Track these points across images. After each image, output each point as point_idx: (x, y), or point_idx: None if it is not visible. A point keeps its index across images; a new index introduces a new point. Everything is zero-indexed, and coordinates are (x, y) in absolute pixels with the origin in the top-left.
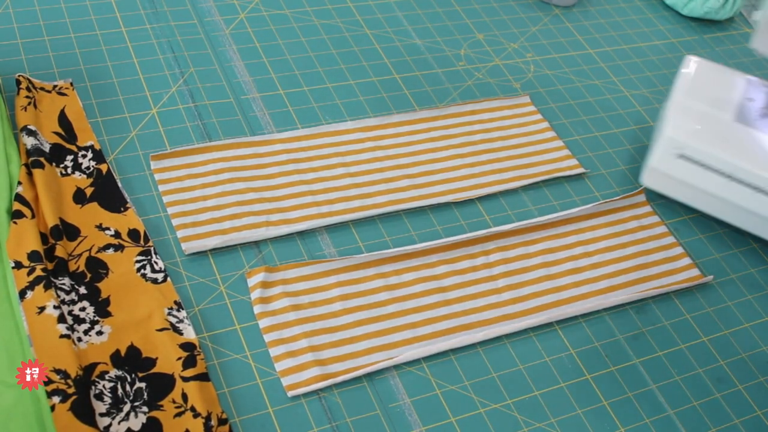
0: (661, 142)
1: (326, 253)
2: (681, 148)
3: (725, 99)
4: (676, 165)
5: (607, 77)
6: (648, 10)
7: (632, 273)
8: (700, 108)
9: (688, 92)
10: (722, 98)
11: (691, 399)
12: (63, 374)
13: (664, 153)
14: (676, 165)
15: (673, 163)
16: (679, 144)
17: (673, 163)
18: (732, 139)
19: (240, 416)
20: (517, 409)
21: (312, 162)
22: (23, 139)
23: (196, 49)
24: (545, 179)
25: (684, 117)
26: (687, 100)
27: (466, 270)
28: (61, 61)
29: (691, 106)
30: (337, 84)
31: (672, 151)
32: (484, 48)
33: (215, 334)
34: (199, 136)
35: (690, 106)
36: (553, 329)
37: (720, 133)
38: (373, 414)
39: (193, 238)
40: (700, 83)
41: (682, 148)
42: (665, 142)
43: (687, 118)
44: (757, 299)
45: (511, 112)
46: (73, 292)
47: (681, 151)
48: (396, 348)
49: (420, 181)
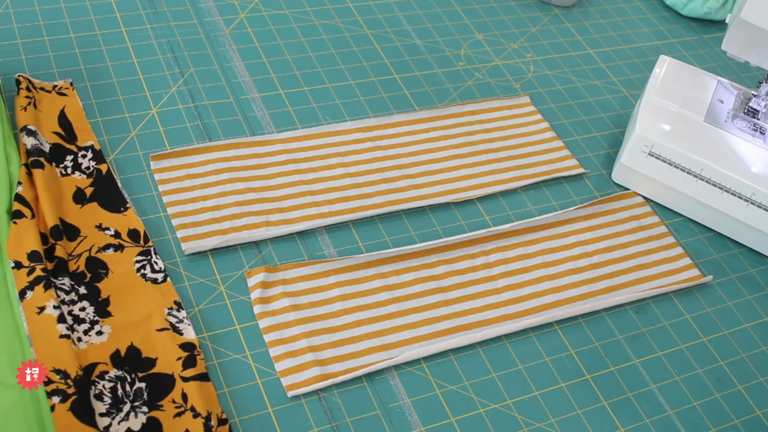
0: (632, 140)
1: (326, 253)
2: (650, 146)
3: (696, 99)
4: (646, 163)
5: (607, 77)
6: (648, 10)
7: (632, 273)
8: (671, 107)
9: (659, 91)
10: (693, 99)
11: (691, 399)
12: (63, 374)
13: (634, 150)
14: (645, 162)
15: (643, 161)
16: (649, 142)
17: (642, 161)
18: (701, 138)
19: (240, 416)
20: (517, 409)
21: (312, 162)
22: (23, 139)
23: (196, 49)
24: (545, 179)
25: (655, 116)
26: (658, 100)
27: (465, 270)
28: (61, 61)
29: (662, 106)
30: (337, 84)
31: (642, 149)
32: (484, 48)
33: (215, 334)
34: (199, 136)
35: (661, 105)
36: (553, 329)
37: (690, 132)
38: (373, 414)
39: (193, 238)
40: (672, 83)
41: (651, 146)
42: (635, 139)
43: (657, 117)
44: (757, 299)
45: (511, 112)
46: (73, 292)
47: (650, 150)
48: (396, 348)
49: (420, 181)
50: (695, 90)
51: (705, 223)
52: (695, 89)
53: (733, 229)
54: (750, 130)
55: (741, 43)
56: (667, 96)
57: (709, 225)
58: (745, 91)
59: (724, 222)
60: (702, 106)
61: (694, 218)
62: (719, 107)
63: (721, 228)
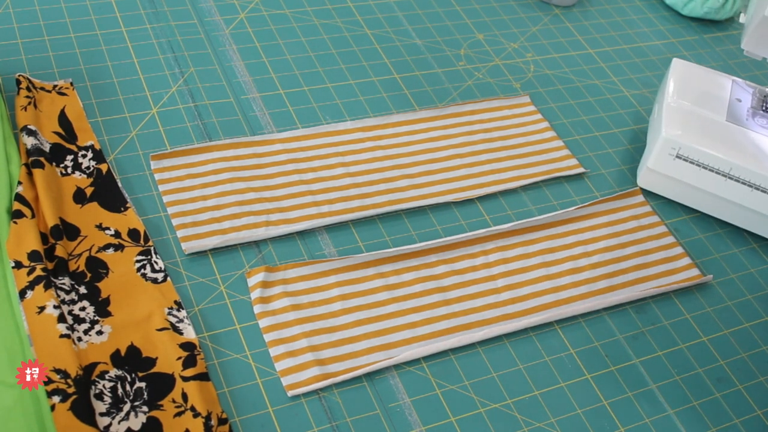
0: (658, 144)
1: (326, 253)
2: (678, 148)
3: (716, 99)
4: (674, 165)
5: (607, 77)
6: (648, 10)
7: (632, 273)
8: (693, 109)
9: (678, 94)
10: (712, 99)
11: (691, 399)
12: (63, 374)
13: (661, 154)
14: (673, 166)
15: (671, 164)
16: (676, 145)
17: (670, 164)
18: (726, 138)
19: (240, 416)
20: (517, 409)
21: (312, 162)
22: (23, 139)
23: (196, 49)
24: (545, 179)
25: (678, 118)
26: (679, 102)
27: (465, 270)
28: (61, 61)
29: (683, 108)
30: (337, 84)
31: (669, 152)
32: (484, 48)
33: (215, 333)
34: (199, 136)
35: (682, 107)
36: (553, 329)
37: (714, 132)
38: (373, 414)
39: (193, 238)
40: (689, 85)
41: (678, 149)
42: (662, 143)
43: (681, 120)
44: (757, 299)
45: (511, 112)
46: (73, 292)
47: (678, 152)
48: (396, 348)
49: (420, 181)
50: (713, 90)
51: (737, 223)
52: (713, 90)
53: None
54: None
55: (759, 41)
56: (687, 98)
57: (736, 224)
58: (760, 89)
59: (756, 220)
60: (722, 106)
61: (725, 219)
62: (738, 106)
63: (752, 227)
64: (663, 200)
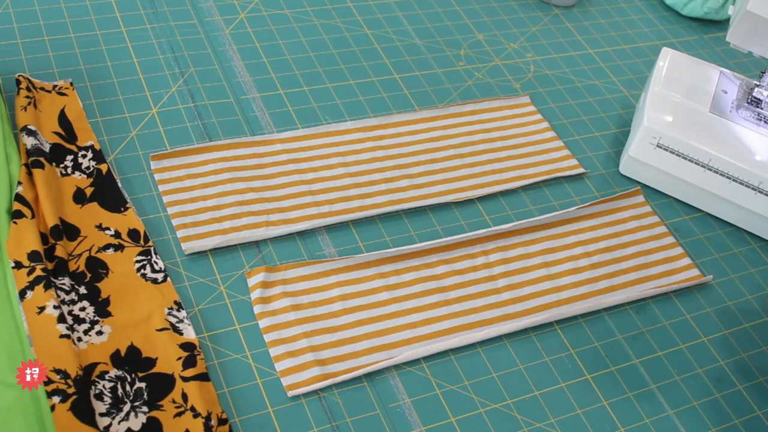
0: (639, 132)
1: (326, 253)
2: (658, 138)
3: (701, 90)
4: (654, 154)
5: (607, 77)
6: (648, 10)
7: (632, 273)
8: (677, 99)
9: (664, 83)
10: (698, 89)
11: (691, 399)
12: (63, 374)
13: (642, 142)
14: (654, 154)
15: (651, 153)
16: (657, 134)
17: (651, 152)
18: (708, 129)
19: (240, 416)
20: (517, 409)
21: (312, 162)
22: (23, 139)
23: (196, 49)
24: (545, 179)
25: (661, 108)
26: (664, 91)
27: (465, 270)
28: (61, 61)
29: (667, 97)
30: (337, 84)
31: (650, 141)
32: (484, 48)
33: (215, 334)
34: (199, 136)
35: (667, 97)
36: (553, 329)
37: (696, 123)
38: (373, 414)
39: (193, 238)
40: (676, 74)
41: (659, 138)
42: (643, 132)
43: (664, 109)
44: (757, 299)
45: (511, 112)
46: (73, 292)
47: (658, 141)
48: (396, 348)
49: (420, 181)
50: (699, 81)
51: (714, 213)
52: (699, 80)
53: (741, 218)
54: (755, 119)
55: (744, 34)
56: (672, 87)
57: (716, 214)
58: (747, 81)
59: (733, 212)
60: (707, 96)
61: (701, 208)
62: (723, 97)
63: (730, 217)
64: (664, 200)
